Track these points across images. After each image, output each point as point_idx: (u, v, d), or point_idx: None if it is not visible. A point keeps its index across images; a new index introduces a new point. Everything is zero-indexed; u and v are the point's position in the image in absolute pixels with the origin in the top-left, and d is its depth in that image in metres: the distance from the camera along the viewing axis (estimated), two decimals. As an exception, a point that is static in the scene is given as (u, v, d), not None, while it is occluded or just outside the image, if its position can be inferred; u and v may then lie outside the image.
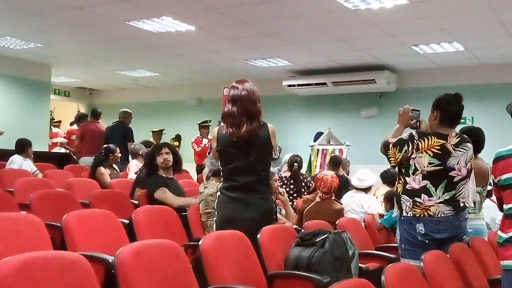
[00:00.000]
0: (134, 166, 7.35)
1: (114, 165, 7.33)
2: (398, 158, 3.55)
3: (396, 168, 3.70)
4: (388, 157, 3.60)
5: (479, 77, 9.67)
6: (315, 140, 10.54)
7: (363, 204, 5.80)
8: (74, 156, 9.56)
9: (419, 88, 9.93)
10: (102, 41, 8.68)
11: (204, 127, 9.87)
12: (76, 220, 3.45)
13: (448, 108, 3.59)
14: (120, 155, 7.39)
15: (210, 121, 9.89)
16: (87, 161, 8.34)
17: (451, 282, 3.18)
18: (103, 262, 2.98)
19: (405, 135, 3.59)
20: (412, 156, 3.51)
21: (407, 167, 3.56)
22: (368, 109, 10.70)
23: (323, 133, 10.53)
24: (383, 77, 9.90)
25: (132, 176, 6.95)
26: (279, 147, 11.22)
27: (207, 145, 9.13)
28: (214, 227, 3.80)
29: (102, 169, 6.78)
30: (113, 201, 4.89)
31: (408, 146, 3.50)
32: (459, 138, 3.55)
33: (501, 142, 3.21)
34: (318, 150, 9.98)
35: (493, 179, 3.14)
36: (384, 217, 5.60)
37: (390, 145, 3.57)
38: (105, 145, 7.67)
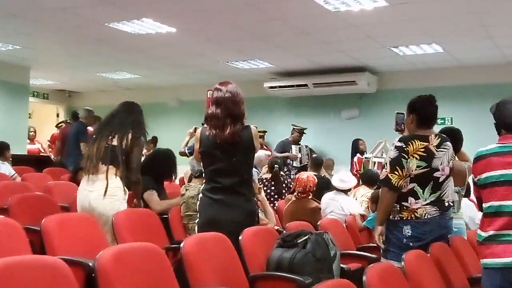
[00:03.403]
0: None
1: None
2: (405, 174, 3.46)
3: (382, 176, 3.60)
4: (397, 185, 3.46)
5: (458, 78, 9.78)
6: (353, 149, 9.96)
7: (343, 206, 5.81)
8: (53, 159, 9.46)
9: (399, 90, 10.00)
10: (82, 42, 8.60)
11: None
12: (56, 224, 3.41)
13: (423, 110, 3.63)
14: None
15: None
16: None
17: (431, 282, 3.20)
18: (83, 266, 2.95)
19: (392, 152, 3.53)
20: None
21: None
22: (348, 111, 10.76)
23: (359, 139, 9.96)
24: (364, 79, 9.96)
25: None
26: (307, 146, 10.73)
27: None
28: (196, 229, 3.78)
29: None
30: (94, 204, 4.83)
31: (405, 158, 3.47)
32: (439, 139, 3.58)
33: (481, 142, 3.24)
34: (374, 162, 9.70)
35: (473, 178, 3.18)
36: (369, 218, 5.62)
37: (389, 175, 3.47)
38: None
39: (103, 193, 3.95)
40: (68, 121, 10.23)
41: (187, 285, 2.93)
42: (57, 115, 14.05)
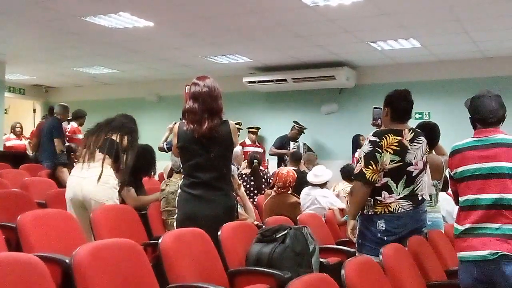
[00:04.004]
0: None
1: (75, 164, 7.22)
2: (379, 168, 3.49)
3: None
4: (371, 179, 3.48)
5: (435, 73, 9.86)
6: (353, 145, 9.77)
7: (320, 200, 5.81)
8: (30, 154, 9.34)
9: (377, 84, 10.05)
10: (58, 37, 8.48)
11: None
12: (32, 220, 3.36)
13: (397, 105, 3.67)
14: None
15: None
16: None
17: (409, 275, 3.23)
18: (59, 263, 2.91)
19: (366, 147, 3.56)
20: None
21: None
22: (327, 105, 10.78)
23: (360, 135, 9.47)
24: (343, 73, 9.98)
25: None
26: (305, 144, 10.67)
27: None
28: (175, 225, 3.77)
29: (62, 167, 6.68)
30: (71, 201, 4.78)
31: (379, 152, 3.50)
32: (413, 133, 3.61)
33: (458, 136, 3.27)
34: None
35: (449, 172, 3.21)
36: None
37: (363, 169, 3.50)
38: (67, 144, 7.61)
39: (96, 179, 4.07)
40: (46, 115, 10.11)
41: (165, 281, 2.92)
42: (34, 111, 13.87)
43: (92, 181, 4.09)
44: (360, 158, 3.59)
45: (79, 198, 4.13)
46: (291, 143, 9.73)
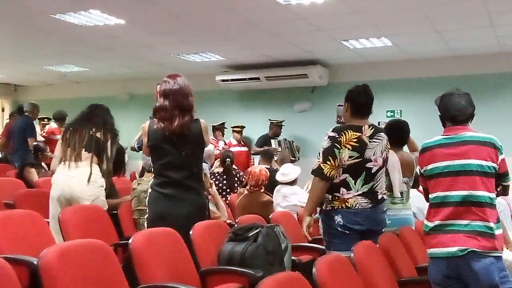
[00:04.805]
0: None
1: (43, 164, 7.11)
2: (338, 164, 3.47)
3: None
4: (329, 175, 3.46)
5: (407, 71, 9.95)
6: None
7: (290, 198, 5.79)
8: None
9: (350, 82, 9.91)
10: (27, 34, 8.33)
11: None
12: (-2, 221, 3.29)
13: (357, 100, 3.68)
14: (50, 154, 7.17)
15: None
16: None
17: (380, 271, 3.25)
18: (27, 264, 2.85)
19: (325, 142, 3.55)
20: None
21: None
22: (300, 104, 10.81)
23: None
24: (315, 72, 10.01)
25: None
26: (297, 146, 10.80)
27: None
28: (145, 224, 3.73)
29: (30, 168, 6.58)
30: (39, 201, 4.69)
31: (337, 148, 3.50)
32: (373, 129, 3.61)
33: (429, 134, 3.30)
34: None
35: (419, 170, 3.24)
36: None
37: (321, 165, 3.48)
38: (34, 143, 7.51)
39: (85, 179, 4.16)
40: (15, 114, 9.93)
41: (136, 282, 2.88)
42: (2, 109, 13.65)
43: (81, 180, 4.16)
44: (319, 153, 3.58)
45: (66, 196, 4.17)
46: (272, 141, 9.78)
